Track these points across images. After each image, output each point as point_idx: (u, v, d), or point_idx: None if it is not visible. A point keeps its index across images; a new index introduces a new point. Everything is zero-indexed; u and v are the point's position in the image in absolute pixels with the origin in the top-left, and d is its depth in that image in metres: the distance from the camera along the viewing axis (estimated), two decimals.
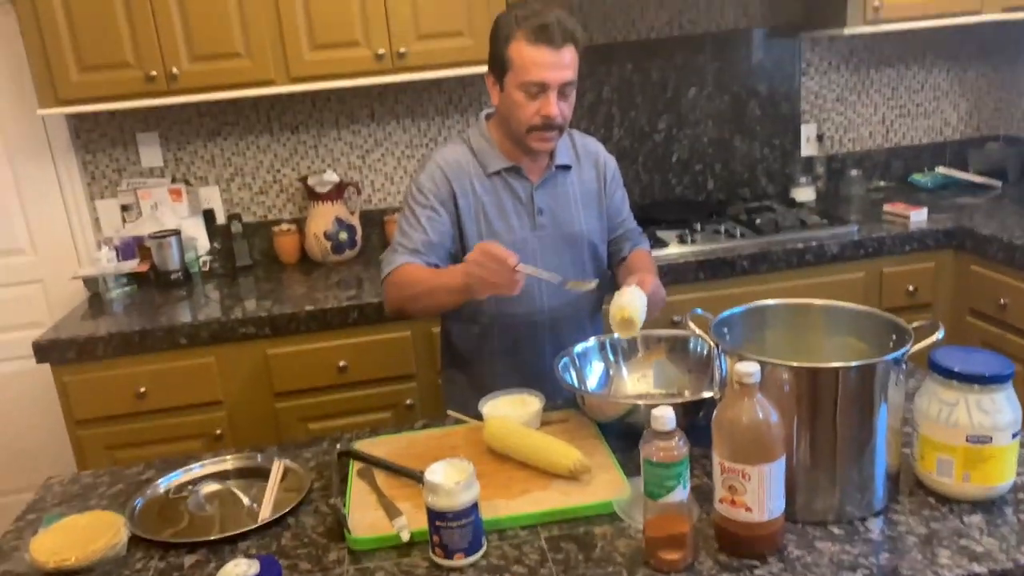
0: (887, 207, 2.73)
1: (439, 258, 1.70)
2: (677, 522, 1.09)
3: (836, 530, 1.15)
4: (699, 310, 1.38)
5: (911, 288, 2.58)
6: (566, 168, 1.80)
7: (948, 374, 1.17)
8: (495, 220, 1.73)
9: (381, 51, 2.48)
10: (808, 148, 3.14)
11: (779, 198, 3.09)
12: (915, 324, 1.23)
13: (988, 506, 1.17)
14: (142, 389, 2.29)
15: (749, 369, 1.07)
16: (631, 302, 1.50)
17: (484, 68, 1.94)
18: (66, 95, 2.41)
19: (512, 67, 1.62)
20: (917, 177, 3.14)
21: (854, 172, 3.09)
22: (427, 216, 1.70)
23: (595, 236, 1.82)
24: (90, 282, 2.64)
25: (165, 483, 1.44)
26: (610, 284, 1.86)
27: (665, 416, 1.06)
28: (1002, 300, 2.40)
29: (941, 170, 3.14)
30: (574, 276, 1.75)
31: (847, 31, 2.74)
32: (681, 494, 1.07)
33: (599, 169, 1.85)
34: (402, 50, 2.49)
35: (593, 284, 1.55)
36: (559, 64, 1.60)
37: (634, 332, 1.52)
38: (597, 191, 1.84)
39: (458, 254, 1.72)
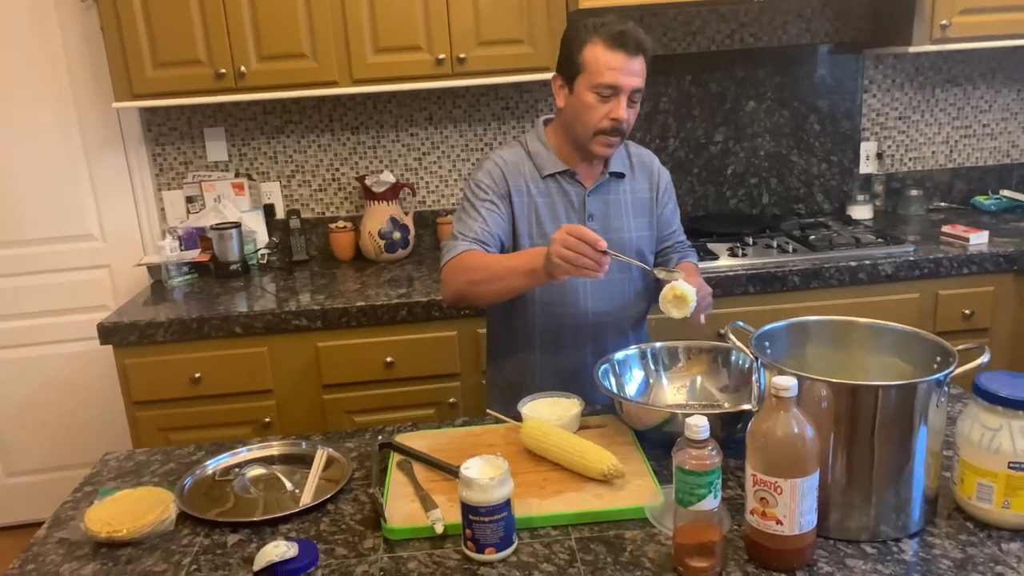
0: (946, 228, 2.67)
1: (497, 250, 1.73)
2: (707, 531, 1.10)
3: (869, 549, 1.14)
4: (740, 322, 1.39)
5: (968, 312, 2.52)
6: (619, 176, 1.82)
7: (992, 399, 1.15)
8: (547, 221, 1.76)
9: (442, 56, 2.53)
10: (867, 166, 3.09)
11: (835, 215, 3.05)
12: (961, 347, 1.22)
13: None
14: (197, 374, 2.37)
15: (786, 383, 1.07)
16: (683, 284, 1.52)
17: (542, 75, 1.98)
18: (140, 90, 2.52)
19: (586, 69, 1.66)
20: (980, 199, 3.06)
21: (914, 192, 3.03)
22: (487, 208, 1.73)
23: (644, 244, 1.83)
24: (153, 269, 2.74)
25: (213, 464, 1.50)
26: (656, 294, 1.86)
27: (699, 424, 1.07)
28: None
29: (1006, 193, 3.06)
30: (620, 282, 1.77)
31: (912, 49, 2.69)
32: (712, 503, 1.08)
33: (652, 180, 1.87)
34: (462, 55, 2.54)
35: (681, 275, 1.56)
36: (632, 71, 1.65)
37: (686, 312, 1.52)
38: (649, 201, 1.85)
39: (510, 250, 1.75)
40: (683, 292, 1.52)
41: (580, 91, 1.68)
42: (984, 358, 1.17)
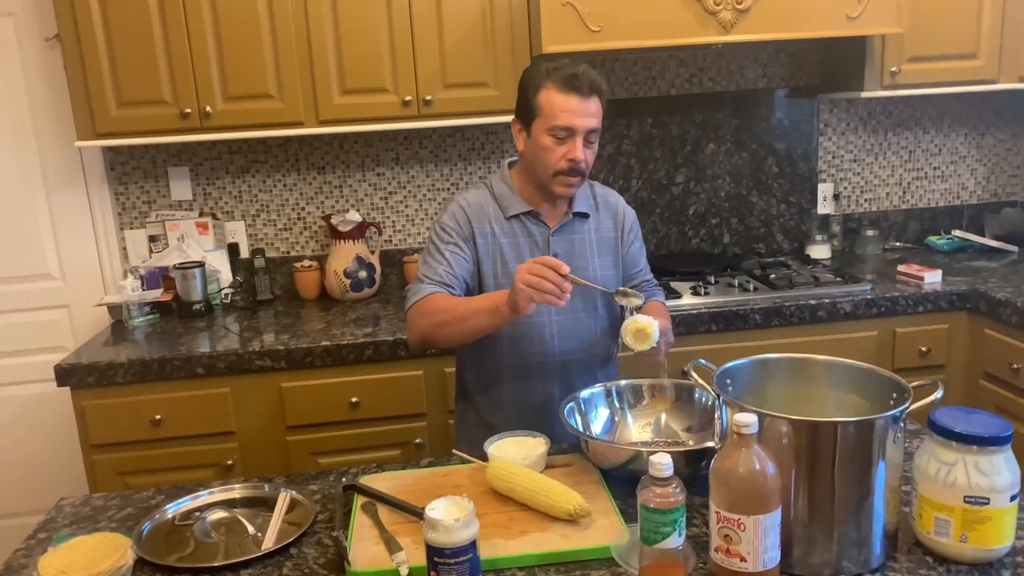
0: (901, 268, 2.74)
1: (461, 291, 1.76)
2: (672, 569, 1.10)
3: None
4: (702, 360, 1.41)
5: (924, 349, 2.58)
6: (584, 216, 1.85)
7: (947, 434, 1.18)
8: (511, 262, 1.78)
9: (408, 98, 2.56)
10: (824, 207, 3.18)
11: (794, 255, 3.11)
12: (916, 383, 1.25)
13: (986, 568, 1.17)
14: (157, 416, 2.33)
15: (747, 420, 1.09)
16: (643, 316, 1.58)
17: (507, 118, 1.99)
18: (104, 128, 2.51)
19: (541, 113, 1.70)
20: (933, 239, 3.15)
21: (870, 232, 3.11)
22: (451, 251, 1.76)
23: (609, 283, 1.85)
24: (114, 309, 2.70)
25: (173, 508, 1.47)
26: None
27: (663, 462, 1.08)
28: (1015, 364, 2.39)
29: (957, 233, 3.16)
30: (587, 319, 1.79)
31: (864, 95, 2.79)
32: (676, 541, 1.08)
33: (617, 219, 1.90)
34: (428, 97, 2.57)
35: (641, 300, 1.63)
36: (586, 112, 1.68)
37: (647, 344, 1.57)
38: (614, 240, 1.88)
39: (475, 292, 1.76)
40: (643, 325, 1.56)
41: (537, 134, 1.72)
42: (938, 394, 1.20)
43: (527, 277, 1.49)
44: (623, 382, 1.70)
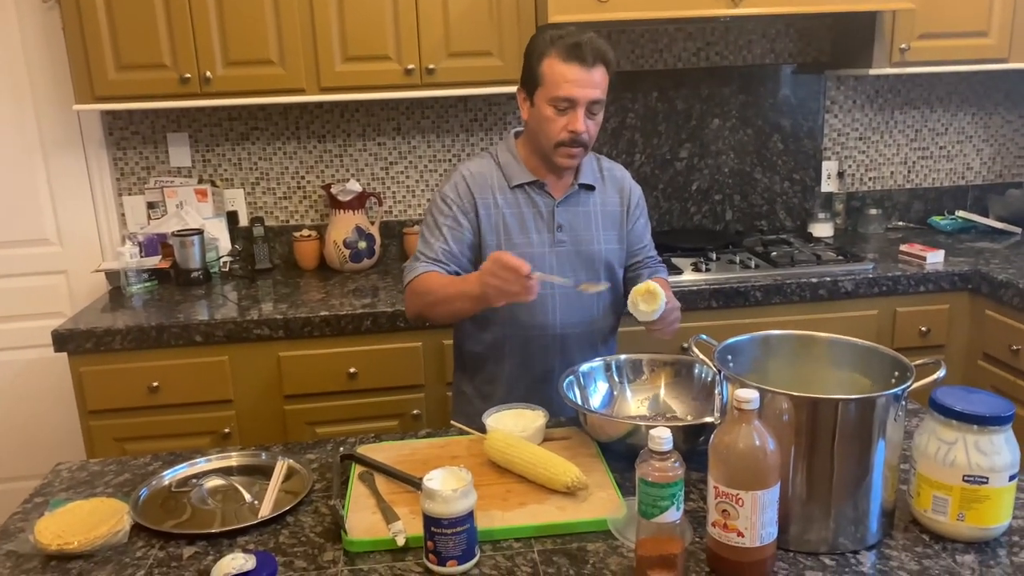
0: (904, 247, 2.73)
1: (460, 267, 1.75)
2: (669, 543, 1.10)
3: (828, 561, 1.15)
4: (704, 336, 1.40)
5: (924, 329, 2.58)
6: (589, 188, 1.83)
7: (948, 413, 1.18)
8: (515, 233, 1.77)
9: (411, 66, 2.53)
10: (828, 185, 3.15)
11: (797, 232, 3.10)
12: (918, 362, 1.24)
13: (982, 547, 1.17)
14: (155, 383, 2.33)
15: (748, 396, 1.08)
16: (652, 281, 1.59)
17: (511, 88, 1.98)
18: (102, 92, 2.48)
19: (544, 82, 1.68)
20: (937, 219, 3.14)
21: (873, 211, 3.09)
22: (448, 226, 1.75)
23: (612, 257, 1.84)
24: (112, 276, 2.69)
25: (170, 475, 1.47)
26: (624, 307, 1.88)
27: (662, 436, 1.08)
28: (1014, 346, 2.38)
29: (961, 214, 3.14)
30: (589, 296, 1.78)
31: (873, 71, 2.76)
32: (674, 515, 1.08)
33: (623, 194, 1.87)
34: (431, 66, 2.54)
35: (604, 286, 1.65)
36: (589, 82, 1.65)
37: (655, 307, 1.56)
38: (619, 215, 1.86)
39: (479, 264, 1.75)
40: (652, 286, 1.56)
41: (539, 104, 1.70)
42: (940, 372, 1.19)
43: (490, 280, 1.51)
44: (623, 356, 1.69)
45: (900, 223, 3.20)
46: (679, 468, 1.08)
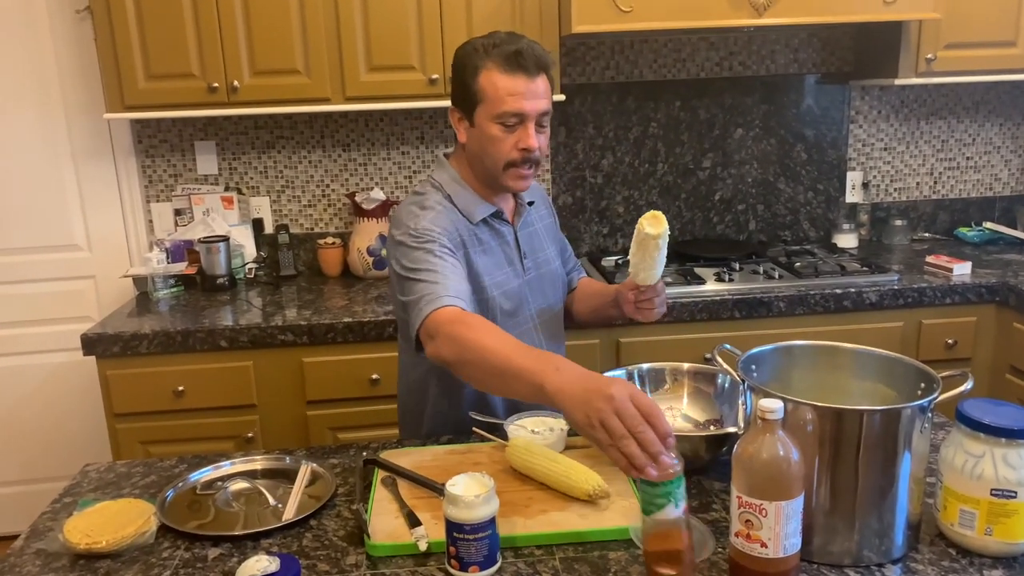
0: (930, 259, 2.70)
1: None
2: (671, 539, 1.11)
3: (852, 573, 1.14)
4: (727, 345, 1.40)
5: (950, 341, 2.55)
6: (530, 205, 1.74)
7: (975, 425, 1.16)
8: (495, 273, 1.62)
9: (435, 76, 2.55)
10: (853, 195, 3.13)
11: (821, 243, 3.08)
12: (945, 374, 1.23)
13: (1010, 562, 1.15)
14: (180, 388, 2.35)
15: (772, 406, 1.08)
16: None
17: None
18: (132, 101, 2.52)
19: (484, 99, 1.52)
20: (963, 231, 3.10)
21: (899, 222, 3.07)
22: (452, 264, 1.48)
23: (561, 271, 1.82)
24: (139, 281, 2.73)
25: (196, 477, 1.48)
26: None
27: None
28: None
29: (988, 225, 3.10)
30: (557, 313, 1.78)
31: (898, 82, 2.74)
32: (673, 512, 1.09)
33: (548, 205, 1.85)
34: None
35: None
36: (535, 93, 1.51)
37: (660, 230, 1.47)
38: (553, 226, 1.84)
39: None
40: (659, 212, 1.50)
41: (482, 123, 1.53)
42: (968, 384, 1.18)
43: (616, 424, 1.06)
44: (645, 366, 1.69)
45: (926, 234, 3.17)
46: (677, 466, 1.08)
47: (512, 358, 1.24)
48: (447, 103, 2.57)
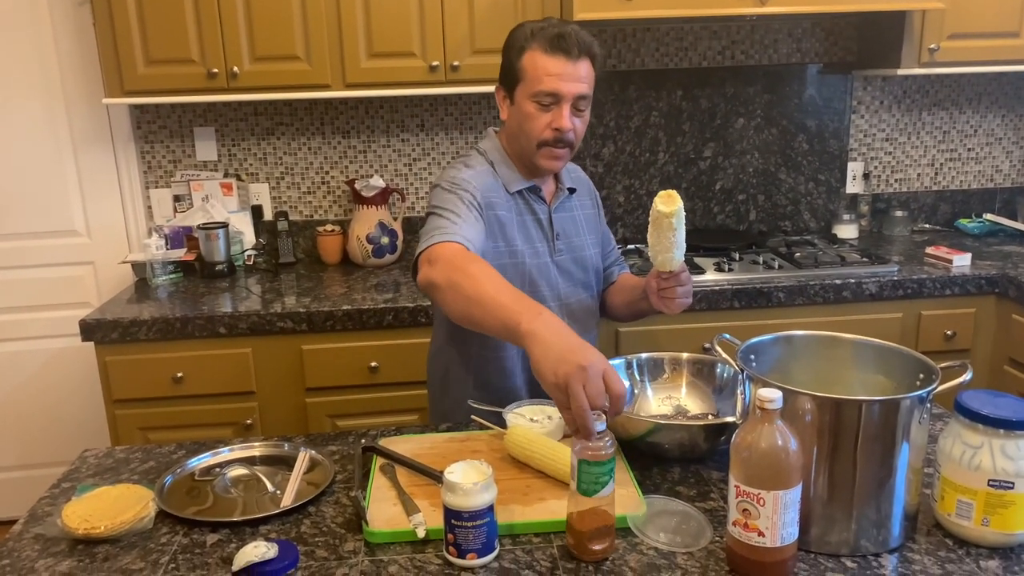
0: (930, 250, 2.70)
1: None
2: (604, 515, 1.15)
3: (849, 563, 1.14)
4: (727, 335, 1.39)
5: (949, 333, 2.55)
6: (571, 192, 1.77)
7: (974, 416, 1.16)
8: (519, 241, 1.67)
9: (435, 63, 2.54)
10: (854, 186, 3.13)
11: (821, 234, 3.07)
12: (943, 365, 1.23)
13: (1006, 553, 1.15)
14: (179, 374, 2.35)
15: (771, 395, 1.08)
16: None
17: None
18: (131, 86, 2.51)
19: (525, 77, 1.58)
20: (964, 222, 3.10)
21: (899, 213, 3.06)
22: (475, 216, 1.55)
23: (597, 263, 1.82)
24: (138, 267, 2.72)
25: (194, 464, 1.48)
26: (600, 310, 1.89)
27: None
28: None
29: (989, 217, 3.10)
30: (587, 302, 1.78)
31: (901, 72, 2.73)
32: (609, 488, 1.14)
33: (592, 196, 1.86)
34: (456, 63, 2.54)
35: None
36: (574, 75, 1.55)
37: (673, 207, 1.47)
38: (595, 218, 1.84)
39: None
40: (672, 191, 1.50)
41: (520, 101, 1.59)
42: (967, 376, 1.18)
43: (568, 357, 1.12)
44: (644, 355, 1.69)
45: (926, 225, 3.17)
46: (611, 447, 1.13)
47: (500, 291, 1.26)
48: (448, 90, 2.60)
